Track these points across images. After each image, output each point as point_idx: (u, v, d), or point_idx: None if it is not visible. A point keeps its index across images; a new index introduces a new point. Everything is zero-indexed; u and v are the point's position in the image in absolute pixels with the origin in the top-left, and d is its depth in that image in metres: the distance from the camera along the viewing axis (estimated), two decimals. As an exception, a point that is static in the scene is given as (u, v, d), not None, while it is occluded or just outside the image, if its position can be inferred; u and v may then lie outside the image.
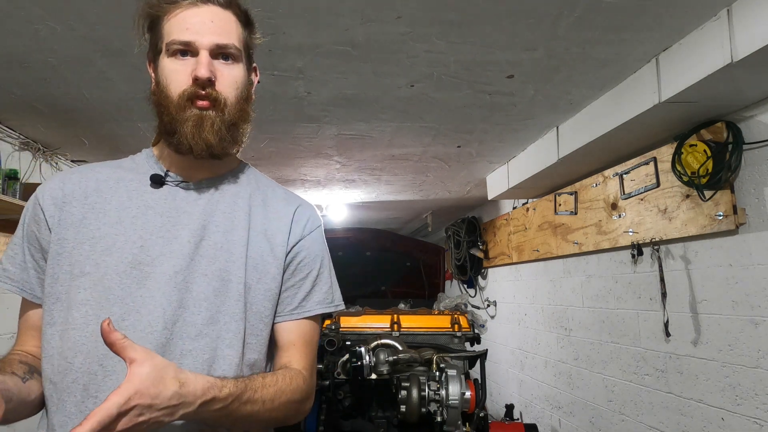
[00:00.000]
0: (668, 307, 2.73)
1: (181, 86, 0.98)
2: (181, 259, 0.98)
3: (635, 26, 2.02)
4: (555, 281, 4.11)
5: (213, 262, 1.00)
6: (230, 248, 1.02)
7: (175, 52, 0.98)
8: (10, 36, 2.00)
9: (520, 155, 3.80)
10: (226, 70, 1.00)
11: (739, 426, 2.33)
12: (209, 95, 0.98)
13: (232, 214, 1.06)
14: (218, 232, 1.03)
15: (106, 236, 0.98)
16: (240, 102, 1.02)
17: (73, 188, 1.02)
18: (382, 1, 1.83)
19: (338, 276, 1.19)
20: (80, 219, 0.99)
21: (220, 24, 1.00)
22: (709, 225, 2.42)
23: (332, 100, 2.72)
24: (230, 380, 0.92)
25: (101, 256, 0.97)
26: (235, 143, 1.04)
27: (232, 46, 1.00)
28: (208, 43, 0.98)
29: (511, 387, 5.06)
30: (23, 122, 2.94)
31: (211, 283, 0.99)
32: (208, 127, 0.98)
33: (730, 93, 2.16)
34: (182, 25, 0.98)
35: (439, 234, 6.82)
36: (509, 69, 2.38)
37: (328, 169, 4.20)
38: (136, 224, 0.99)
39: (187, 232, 1.00)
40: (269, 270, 1.05)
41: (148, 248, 0.98)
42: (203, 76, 0.96)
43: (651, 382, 2.92)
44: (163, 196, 1.03)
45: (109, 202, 1.01)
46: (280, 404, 0.99)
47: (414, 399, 2.40)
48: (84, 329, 0.94)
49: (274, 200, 1.12)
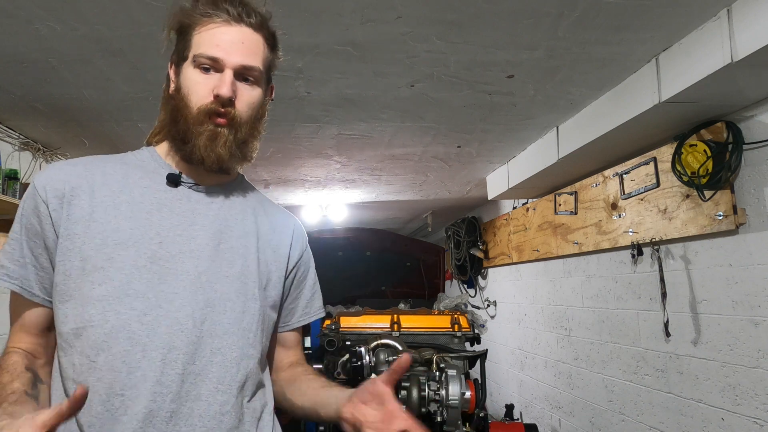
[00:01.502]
0: (668, 307, 2.73)
1: (202, 100, 0.99)
2: (203, 260, 1.00)
3: (635, 26, 2.02)
4: (555, 281, 4.11)
5: (232, 266, 1.03)
6: (245, 254, 1.06)
7: (201, 65, 0.99)
8: (10, 36, 2.00)
9: (520, 155, 3.80)
10: (246, 92, 1.02)
11: (739, 426, 2.33)
12: (228, 113, 0.99)
13: (244, 221, 1.09)
14: (233, 237, 1.06)
15: (118, 230, 0.97)
16: (253, 121, 1.05)
17: (80, 182, 0.99)
18: (382, 1, 1.83)
19: (339, 276, 1.29)
20: (89, 213, 0.97)
21: (249, 46, 1.01)
22: (709, 225, 2.42)
23: (332, 100, 2.72)
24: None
25: (115, 250, 0.95)
26: (243, 159, 1.07)
27: (257, 69, 1.02)
28: (234, 63, 0.99)
29: (511, 387, 5.06)
30: (23, 122, 2.94)
31: (233, 284, 1.02)
32: (221, 144, 1.00)
33: (730, 93, 2.16)
34: (213, 40, 0.99)
35: (439, 234, 6.82)
36: (509, 69, 2.38)
37: (328, 169, 4.20)
38: (152, 220, 0.99)
39: (204, 234, 1.02)
40: (273, 278, 1.10)
41: (166, 245, 0.98)
42: (225, 95, 0.98)
43: (651, 382, 2.92)
44: (177, 197, 1.04)
45: (119, 196, 1.00)
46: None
47: (414, 399, 2.40)
48: (103, 326, 0.92)
49: (273, 213, 1.18)
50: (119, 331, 0.92)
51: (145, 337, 0.92)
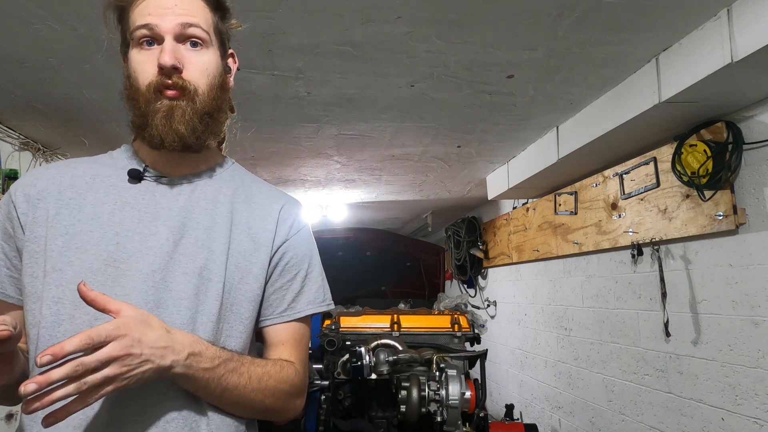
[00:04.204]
0: (668, 307, 2.73)
1: (149, 77, 0.94)
2: (159, 257, 0.94)
3: (635, 26, 2.02)
4: (555, 281, 4.11)
5: (193, 260, 0.96)
6: (211, 246, 0.98)
7: (141, 42, 0.95)
8: (10, 36, 2.00)
9: (520, 155, 3.80)
10: (194, 57, 0.97)
11: (739, 426, 2.33)
12: (176, 84, 0.94)
13: (214, 211, 1.02)
14: (199, 229, 0.99)
15: (80, 233, 0.94)
16: (213, 90, 0.99)
17: (47, 184, 0.98)
18: (382, 1, 1.83)
19: (339, 276, 1.17)
20: (54, 215, 0.95)
21: (183, 7, 0.96)
22: (709, 225, 2.42)
23: (332, 100, 2.72)
24: (216, 346, 0.92)
25: (75, 253, 0.93)
26: (210, 134, 1.01)
27: (199, 27, 0.96)
28: (171, 25, 0.94)
29: (511, 387, 5.06)
30: (23, 122, 2.94)
31: (192, 281, 0.95)
32: (179, 117, 0.94)
33: (730, 93, 2.16)
34: (145, 11, 0.95)
35: (439, 234, 6.82)
36: (509, 69, 2.38)
37: (328, 169, 4.20)
38: (113, 220, 0.96)
39: (166, 228, 0.97)
40: (251, 270, 1.01)
41: (123, 245, 0.94)
42: (167, 64, 0.93)
43: (651, 382, 2.92)
44: (140, 192, 0.99)
45: (85, 198, 0.98)
46: (267, 387, 0.97)
47: (414, 399, 2.40)
48: (55, 328, 0.90)
49: (258, 198, 1.08)
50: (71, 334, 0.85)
51: None
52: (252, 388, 0.95)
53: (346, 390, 2.83)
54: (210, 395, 0.93)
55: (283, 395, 1.01)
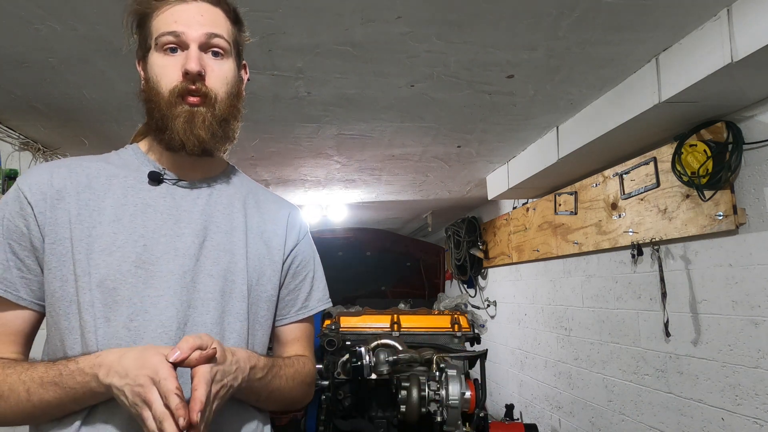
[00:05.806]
0: (668, 307, 2.73)
1: (172, 82, 0.97)
2: (188, 258, 0.97)
3: (635, 26, 2.02)
4: (555, 281, 4.11)
5: (217, 263, 1.00)
6: (232, 249, 1.03)
7: (165, 48, 0.97)
8: (10, 36, 2.00)
9: (520, 155, 3.80)
10: (216, 66, 0.99)
11: (739, 426, 2.33)
12: (199, 90, 0.97)
13: (231, 216, 1.06)
14: (219, 233, 1.03)
15: (102, 235, 0.95)
16: (230, 98, 1.02)
17: (65, 183, 0.97)
18: (382, 1, 1.83)
19: (339, 276, 1.23)
20: (76, 216, 0.95)
21: (209, 18, 0.99)
22: (709, 225, 2.42)
23: (332, 100, 2.72)
24: (259, 355, 1.01)
25: (101, 255, 0.94)
26: (226, 139, 1.03)
27: (223, 38, 1.00)
28: (197, 34, 0.97)
29: (511, 387, 5.06)
30: (23, 122, 2.94)
31: (217, 283, 0.99)
32: (200, 123, 0.97)
33: (730, 93, 2.16)
34: (171, 18, 0.97)
35: (439, 234, 6.82)
36: (509, 69, 2.38)
37: (328, 169, 4.20)
38: (136, 222, 0.97)
39: (190, 231, 0.99)
40: (266, 272, 1.07)
41: (151, 247, 0.96)
42: (193, 70, 0.95)
43: (651, 382, 2.92)
44: (161, 194, 1.01)
45: (104, 199, 0.98)
46: (296, 384, 1.08)
47: (414, 399, 2.40)
48: (94, 333, 0.91)
49: (266, 203, 1.14)
50: (110, 338, 0.91)
51: (132, 343, 0.91)
52: (288, 387, 1.05)
53: (346, 390, 2.83)
54: (257, 398, 1.02)
55: (306, 387, 1.12)
